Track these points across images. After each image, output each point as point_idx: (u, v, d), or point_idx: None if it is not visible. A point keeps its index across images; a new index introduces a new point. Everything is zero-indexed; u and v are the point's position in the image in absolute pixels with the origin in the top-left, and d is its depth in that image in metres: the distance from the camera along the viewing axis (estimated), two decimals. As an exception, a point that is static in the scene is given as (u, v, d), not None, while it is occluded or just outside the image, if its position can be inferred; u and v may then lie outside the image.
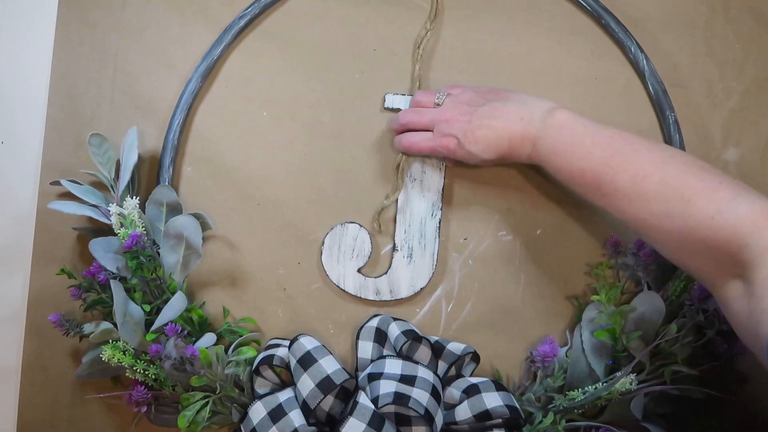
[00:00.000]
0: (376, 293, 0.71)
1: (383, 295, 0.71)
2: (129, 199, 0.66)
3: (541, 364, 0.66)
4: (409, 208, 0.71)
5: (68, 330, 0.65)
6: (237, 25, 0.72)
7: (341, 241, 0.71)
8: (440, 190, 0.71)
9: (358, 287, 0.71)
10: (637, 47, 0.71)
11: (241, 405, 0.67)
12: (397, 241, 0.71)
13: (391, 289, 0.71)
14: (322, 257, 0.71)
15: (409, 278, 0.71)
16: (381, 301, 0.71)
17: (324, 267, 0.71)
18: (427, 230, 0.71)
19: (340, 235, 0.71)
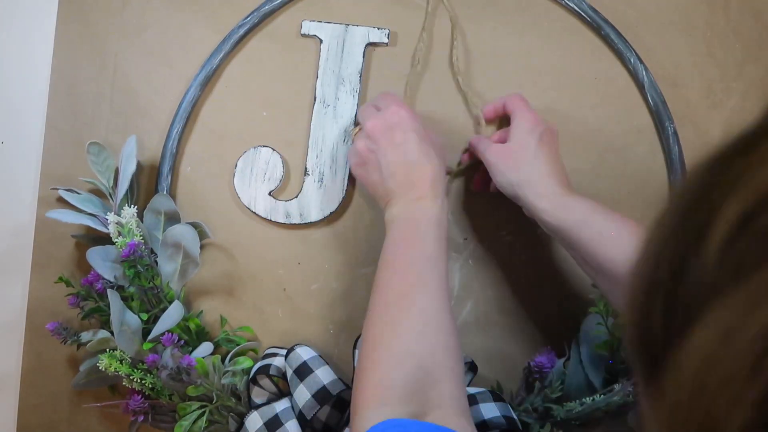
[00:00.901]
0: (286, 216, 0.71)
1: (293, 218, 0.71)
2: (127, 208, 0.66)
3: (539, 375, 0.66)
4: (322, 133, 0.71)
5: (66, 338, 0.66)
6: (236, 34, 0.71)
7: (254, 164, 0.71)
8: (353, 116, 0.71)
9: (268, 210, 0.71)
10: (636, 58, 0.71)
11: (237, 415, 0.67)
12: (309, 165, 0.71)
13: (301, 212, 0.71)
14: (234, 180, 0.71)
15: (319, 202, 0.71)
16: (291, 224, 0.71)
17: (236, 190, 0.71)
18: (339, 156, 0.71)
19: (253, 158, 0.71)
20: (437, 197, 0.60)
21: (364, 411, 0.51)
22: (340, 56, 0.72)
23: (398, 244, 0.59)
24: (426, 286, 0.56)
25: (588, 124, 0.72)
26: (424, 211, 0.60)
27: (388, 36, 0.72)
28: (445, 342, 0.55)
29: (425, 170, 0.61)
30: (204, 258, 0.71)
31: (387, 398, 0.51)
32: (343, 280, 0.72)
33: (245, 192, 0.71)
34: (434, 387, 0.52)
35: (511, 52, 0.73)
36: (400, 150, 0.61)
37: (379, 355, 0.54)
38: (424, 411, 0.51)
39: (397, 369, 0.53)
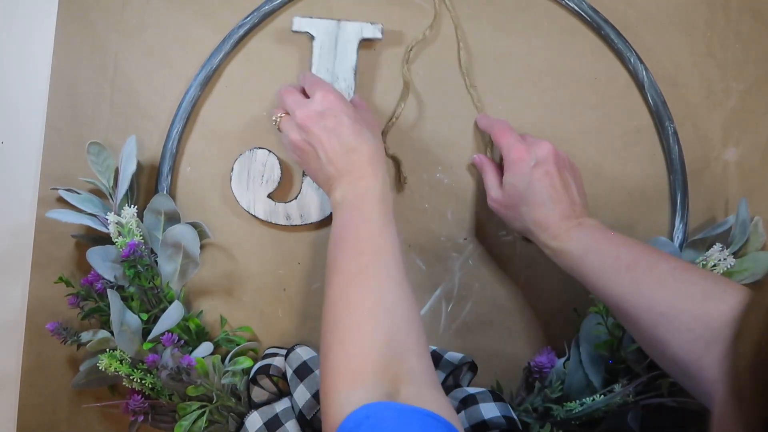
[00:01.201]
0: (286, 218, 0.71)
1: (293, 219, 0.71)
2: (127, 208, 0.66)
3: (539, 375, 0.66)
4: None
5: (66, 338, 0.65)
6: (236, 34, 0.71)
7: (250, 167, 0.71)
8: None
9: (268, 213, 0.71)
10: (636, 58, 0.71)
11: (237, 414, 0.67)
12: None
13: (301, 213, 0.71)
14: (232, 184, 0.71)
15: (319, 202, 0.71)
16: (292, 225, 0.71)
17: (234, 194, 0.71)
18: None
19: (249, 161, 0.71)
20: (377, 174, 0.61)
21: (336, 393, 0.51)
22: (334, 53, 0.71)
23: (346, 224, 0.60)
24: (380, 262, 0.57)
25: (588, 124, 0.72)
26: (366, 190, 0.60)
27: (381, 31, 0.71)
28: (407, 316, 0.55)
29: (362, 151, 0.61)
30: (204, 258, 0.71)
31: (358, 379, 0.51)
32: (343, 280, 0.72)
33: (243, 195, 0.71)
34: (403, 362, 0.52)
35: (511, 52, 0.73)
36: (333, 135, 0.62)
37: (343, 336, 0.54)
38: (397, 388, 0.51)
39: (364, 348, 0.53)
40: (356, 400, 0.49)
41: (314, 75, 0.69)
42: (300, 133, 0.63)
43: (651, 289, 0.55)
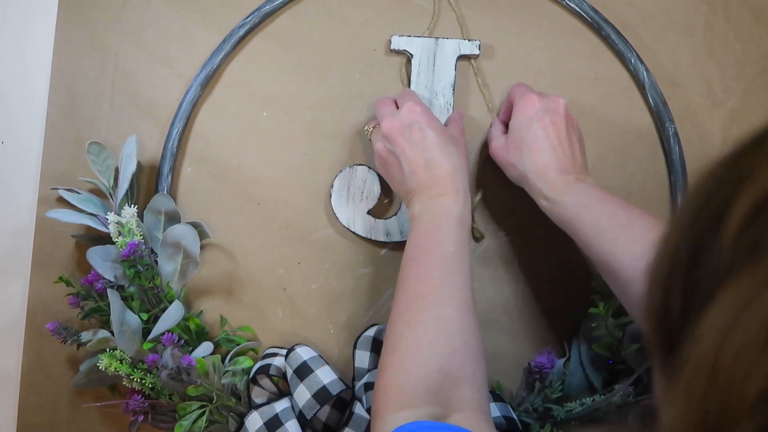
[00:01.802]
0: (386, 234, 0.71)
1: (393, 236, 0.71)
2: (127, 208, 0.66)
3: (539, 375, 0.66)
4: None
5: (66, 338, 0.65)
6: (237, 34, 0.71)
7: (350, 183, 0.71)
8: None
9: (368, 229, 0.71)
10: (637, 59, 0.71)
11: (238, 414, 0.67)
12: None
13: (401, 230, 0.71)
14: (332, 200, 0.71)
15: None
16: (392, 242, 0.71)
17: (334, 210, 0.71)
18: None
19: (349, 177, 0.71)
20: (459, 193, 0.60)
21: (385, 413, 0.52)
22: (432, 70, 0.71)
23: (420, 242, 0.59)
24: (448, 287, 0.56)
25: (588, 125, 0.72)
26: (445, 208, 0.60)
27: (479, 48, 0.71)
28: (466, 344, 0.55)
29: (445, 166, 0.61)
30: (204, 258, 0.71)
31: (408, 401, 0.52)
32: (343, 280, 0.72)
33: (343, 212, 0.71)
34: (455, 389, 0.52)
35: (511, 52, 0.73)
36: (418, 148, 0.61)
37: (399, 356, 0.54)
38: (446, 413, 0.51)
39: (418, 372, 0.53)
40: (404, 419, 0.50)
41: (410, 90, 0.69)
42: (385, 143, 0.63)
43: (644, 250, 0.55)
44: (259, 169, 0.72)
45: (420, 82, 0.71)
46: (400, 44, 0.72)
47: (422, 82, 0.71)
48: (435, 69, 0.71)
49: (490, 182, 0.72)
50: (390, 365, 0.54)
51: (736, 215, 0.24)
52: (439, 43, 0.71)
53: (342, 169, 0.71)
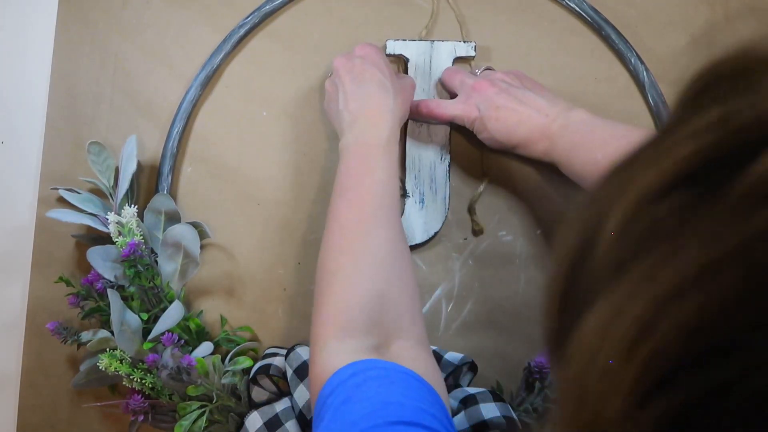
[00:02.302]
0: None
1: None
2: (127, 208, 0.66)
3: (539, 375, 0.66)
4: (418, 153, 0.71)
5: (66, 338, 0.65)
6: (237, 34, 0.71)
7: None
8: (447, 133, 0.71)
9: None
10: (637, 58, 0.71)
11: (238, 414, 0.67)
12: (408, 187, 0.71)
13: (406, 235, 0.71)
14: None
15: (423, 223, 0.71)
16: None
17: None
18: (437, 175, 0.71)
19: None
20: (387, 123, 0.61)
21: (327, 341, 0.52)
22: (429, 73, 0.72)
23: (350, 172, 0.60)
24: (381, 214, 0.58)
25: (588, 124, 0.72)
26: (373, 138, 0.61)
27: (474, 49, 0.71)
28: (401, 271, 0.56)
29: (378, 100, 0.62)
30: (204, 258, 0.71)
31: (349, 329, 0.52)
32: (343, 280, 0.72)
33: None
34: (394, 316, 0.53)
35: (511, 51, 0.73)
36: (357, 80, 0.63)
37: (339, 284, 0.55)
38: (386, 341, 0.52)
39: (357, 299, 0.53)
40: (344, 352, 0.50)
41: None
42: (333, 78, 0.65)
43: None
44: (259, 169, 0.72)
45: (417, 86, 0.71)
46: (395, 48, 0.72)
47: (419, 85, 0.71)
48: (431, 72, 0.71)
49: (491, 182, 0.72)
50: (327, 295, 0.55)
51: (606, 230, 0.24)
52: (435, 45, 0.71)
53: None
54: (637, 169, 0.25)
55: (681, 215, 0.22)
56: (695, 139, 0.23)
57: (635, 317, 0.21)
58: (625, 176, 0.25)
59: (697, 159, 0.23)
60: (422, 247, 0.72)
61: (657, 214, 0.23)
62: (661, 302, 0.21)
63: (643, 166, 0.24)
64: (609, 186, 0.26)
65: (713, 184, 0.22)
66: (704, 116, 0.23)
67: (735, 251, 0.20)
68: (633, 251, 0.23)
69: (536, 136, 0.63)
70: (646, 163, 0.24)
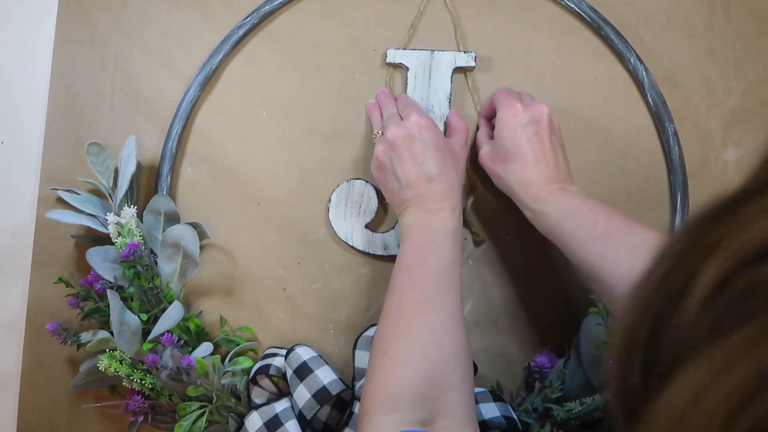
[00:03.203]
0: (384, 248, 0.71)
1: (391, 249, 0.71)
2: (126, 208, 0.66)
3: (539, 375, 0.66)
4: None
5: (66, 338, 0.66)
6: (236, 34, 0.71)
7: (348, 197, 0.71)
8: None
9: (366, 243, 0.71)
10: (636, 59, 0.71)
11: (237, 415, 0.67)
12: None
13: (399, 243, 0.70)
14: (329, 214, 0.71)
15: None
16: (390, 255, 0.71)
17: (332, 224, 0.71)
18: None
19: (347, 191, 0.71)
20: (454, 210, 0.61)
21: (373, 416, 0.52)
22: (428, 83, 0.72)
23: (415, 251, 0.60)
24: (441, 297, 0.57)
25: (588, 125, 0.72)
26: (441, 223, 0.61)
27: (474, 59, 0.71)
28: (456, 352, 0.55)
29: (443, 182, 0.62)
30: (204, 258, 0.71)
31: (396, 405, 0.52)
32: (343, 280, 0.72)
33: (341, 226, 0.71)
34: (443, 395, 0.53)
35: (511, 52, 0.73)
36: (418, 161, 0.62)
37: (390, 361, 0.55)
38: (432, 418, 0.52)
39: (408, 376, 0.53)
40: (392, 422, 0.51)
41: (410, 98, 0.69)
42: (386, 150, 0.64)
43: (625, 256, 0.56)
44: (259, 169, 0.72)
45: (416, 95, 0.71)
46: (395, 57, 0.72)
47: (418, 94, 0.71)
48: (431, 81, 0.71)
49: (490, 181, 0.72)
50: (380, 368, 0.55)
51: (698, 290, 0.23)
52: (435, 55, 0.71)
53: (339, 183, 0.71)
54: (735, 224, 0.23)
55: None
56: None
57: (736, 386, 0.20)
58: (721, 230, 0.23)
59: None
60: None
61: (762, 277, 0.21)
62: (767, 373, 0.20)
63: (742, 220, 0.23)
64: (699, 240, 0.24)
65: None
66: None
67: None
68: (733, 314, 0.22)
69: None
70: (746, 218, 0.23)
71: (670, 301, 0.24)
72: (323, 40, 0.73)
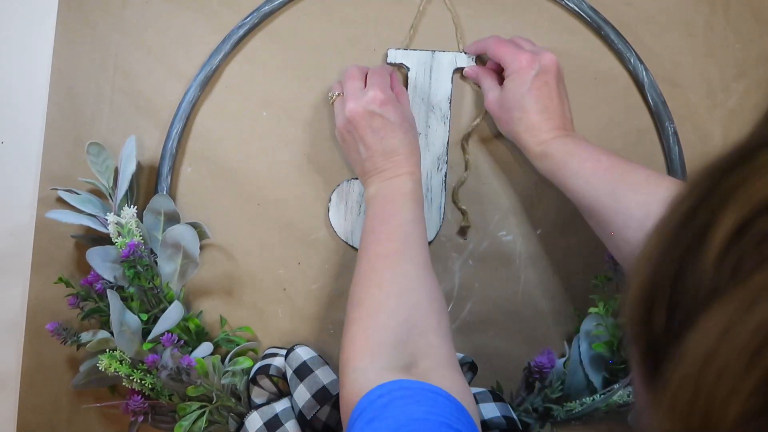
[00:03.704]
0: None
1: None
2: (127, 208, 0.66)
3: (539, 375, 0.66)
4: None
5: (66, 338, 0.65)
6: (236, 34, 0.71)
7: (348, 197, 0.71)
8: (445, 143, 0.71)
9: None
10: (636, 59, 0.71)
11: (237, 415, 0.67)
12: None
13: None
14: (329, 214, 0.71)
15: None
16: None
17: (332, 224, 0.71)
18: (433, 184, 0.71)
19: (347, 191, 0.71)
20: (413, 174, 0.64)
21: (356, 363, 0.54)
22: (428, 83, 0.72)
23: (378, 215, 0.63)
24: (407, 248, 0.60)
25: (588, 125, 0.72)
26: (399, 186, 0.63)
27: (474, 60, 0.72)
28: (429, 296, 0.58)
29: (401, 152, 0.64)
30: (204, 258, 0.71)
31: (377, 351, 0.54)
32: (343, 280, 0.72)
33: (341, 226, 0.71)
34: (422, 339, 0.55)
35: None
36: (377, 135, 0.64)
37: (367, 311, 0.57)
38: (414, 361, 0.53)
39: (385, 323, 0.55)
40: (373, 373, 0.52)
41: (381, 69, 0.68)
42: (347, 124, 0.65)
43: (625, 192, 0.58)
44: (259, 169, 0.72)
45: (416, 95, 0.71)
46: (396, 57, 0.72)
47: (419, 95, 0.71)
48: (431, 82, 0.71)
49: (491, 180, 0.72)
50: (358, 318, 0.57)
51: (719, 234, 0.24)
52: (436, 56, 0.71)
53: (339, 183, 0.71)
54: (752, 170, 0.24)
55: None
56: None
57: (761, 322, 0.21)
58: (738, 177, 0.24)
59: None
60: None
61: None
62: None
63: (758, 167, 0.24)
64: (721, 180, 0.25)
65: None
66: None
67: None
68: (753, 257, 0.23)
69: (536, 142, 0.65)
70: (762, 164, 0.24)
71: (690, 248, 0.25)
72: (323, 40, 0.73)
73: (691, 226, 0.25)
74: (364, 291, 0.58)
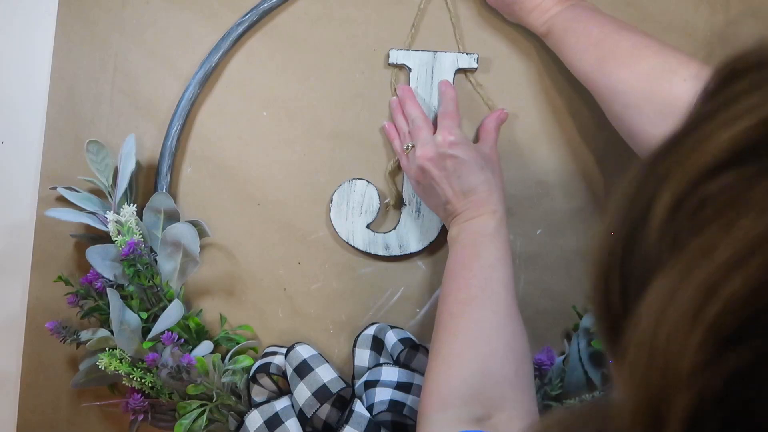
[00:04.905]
0: (385, 248, 0.71)
1: (392, 250, 0.71)
2: (126, 207, 0.66)
3: (538, 373, 0.66)
4: None
5: (65, 337, 0.65)
6: (235, 32, 0.71)
7: (349, 197, 0.71)
8: None
9: (367, 243, 0.71)
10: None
11: (237, 413, 0.67)
12: (405, 196, 0.71)
13: (400, 244, 0.71)
14: (331, 214, 0.71)
15: (418, 233, 0.71)
16: (391, 256, 0.71)
17: (333, 224, 0.71)
18: None
19: (348, 191, 0.71)
20: (494, 212, 0.63)
21: (429, 414, 0.54)
22: (430, 84, 0.72)
23: (459, 259, 0.62)
24: (487, 293, 0.59)
25: (588, 125, 0.72)
26: (480, 227, 0.62)
27: (477, 61, 0.72)
28: (507, 344, 0.57)
29: (479, 191, 0.63)
30: (204, 257, 0.71)
31: (450, 402, 0.54)
32: (343, 280, 0.72)
33: (342, 226, 0.71)
34: (496, 390, 0.54)
35: (511, 52, 0.73)
36: (452, 177, 0.63)
37: (442, 361, 0.57)
38: (488, 413, 0.53)
39: (459, 373, 0.55)
40: (444, 424, 0.52)
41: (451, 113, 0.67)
42: (420, 171, 0.65)
43: (611, 67, 0.59)
44: (259, 169, 0.72)
45: (418, 96, 0.71)
46: (398, 58, 0.72)
47: (420, 95, 0.71)
48: (433, 83, 0.71)
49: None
50: (434, 369, 0.57)
51: (657, 212, 0.26)
52: (437, 56, 0.71)
53: (340, 184, 0.71)
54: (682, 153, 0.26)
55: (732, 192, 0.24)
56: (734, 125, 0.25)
57: (699, 284, 0.23)
58: (671, 159, 0.27)
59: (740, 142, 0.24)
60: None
61: (708, 193, 0.24)
62: (723, 268, 0.23)
63: (687, 149, 0.26)
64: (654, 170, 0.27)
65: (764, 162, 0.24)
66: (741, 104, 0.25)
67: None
68: (688, 228, 0.25)
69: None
70: (690, 147, 0.26)
71: (635, 227, 0.27)
72: (323, 39, 0.73)
73: (637, 204, 0.27)
74: (441, 342, 0.58)
